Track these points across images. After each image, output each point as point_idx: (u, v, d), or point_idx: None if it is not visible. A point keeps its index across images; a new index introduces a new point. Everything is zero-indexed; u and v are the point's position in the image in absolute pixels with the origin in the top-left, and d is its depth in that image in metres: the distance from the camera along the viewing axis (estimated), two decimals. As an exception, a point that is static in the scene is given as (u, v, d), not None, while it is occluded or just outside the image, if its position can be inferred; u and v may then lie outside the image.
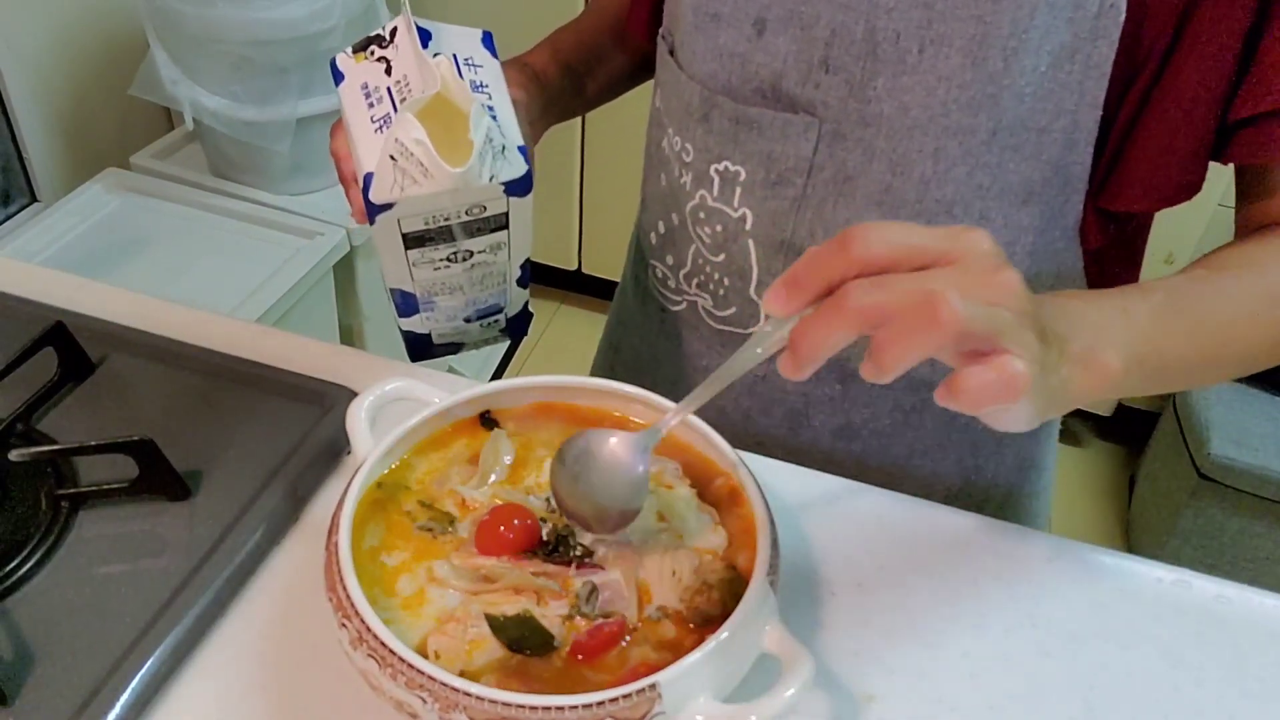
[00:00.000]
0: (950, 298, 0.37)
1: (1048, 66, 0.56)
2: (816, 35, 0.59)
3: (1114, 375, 0.46)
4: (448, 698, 0.42)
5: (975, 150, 0.59)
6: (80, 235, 1.46)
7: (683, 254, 0.72)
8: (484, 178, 0.51)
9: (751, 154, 0.64)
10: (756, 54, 0.61)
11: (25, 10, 1.46)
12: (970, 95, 0.57)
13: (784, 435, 0.73)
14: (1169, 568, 0.61)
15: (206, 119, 1.43)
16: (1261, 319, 0.55)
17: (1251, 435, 1.66)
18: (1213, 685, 0.55)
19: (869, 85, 0.59)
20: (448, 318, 0.64)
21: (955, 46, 0.56)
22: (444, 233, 0.55)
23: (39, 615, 0.54)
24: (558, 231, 2.22)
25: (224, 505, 0.60)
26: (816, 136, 0.62)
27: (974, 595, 0.59)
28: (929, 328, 0.37)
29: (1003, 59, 0.55)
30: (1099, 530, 1.98)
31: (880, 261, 0.39)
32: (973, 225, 0.60)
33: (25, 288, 0.74)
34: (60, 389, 0.67)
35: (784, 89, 0.61)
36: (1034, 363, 0.40)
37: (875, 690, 0.53)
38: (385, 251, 0.56)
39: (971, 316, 0.37)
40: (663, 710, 0.42)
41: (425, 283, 0.59)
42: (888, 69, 0.58)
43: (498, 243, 0.57)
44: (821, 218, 0.64)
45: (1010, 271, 0.40)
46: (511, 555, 0.50)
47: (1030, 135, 0.58)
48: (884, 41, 0.57)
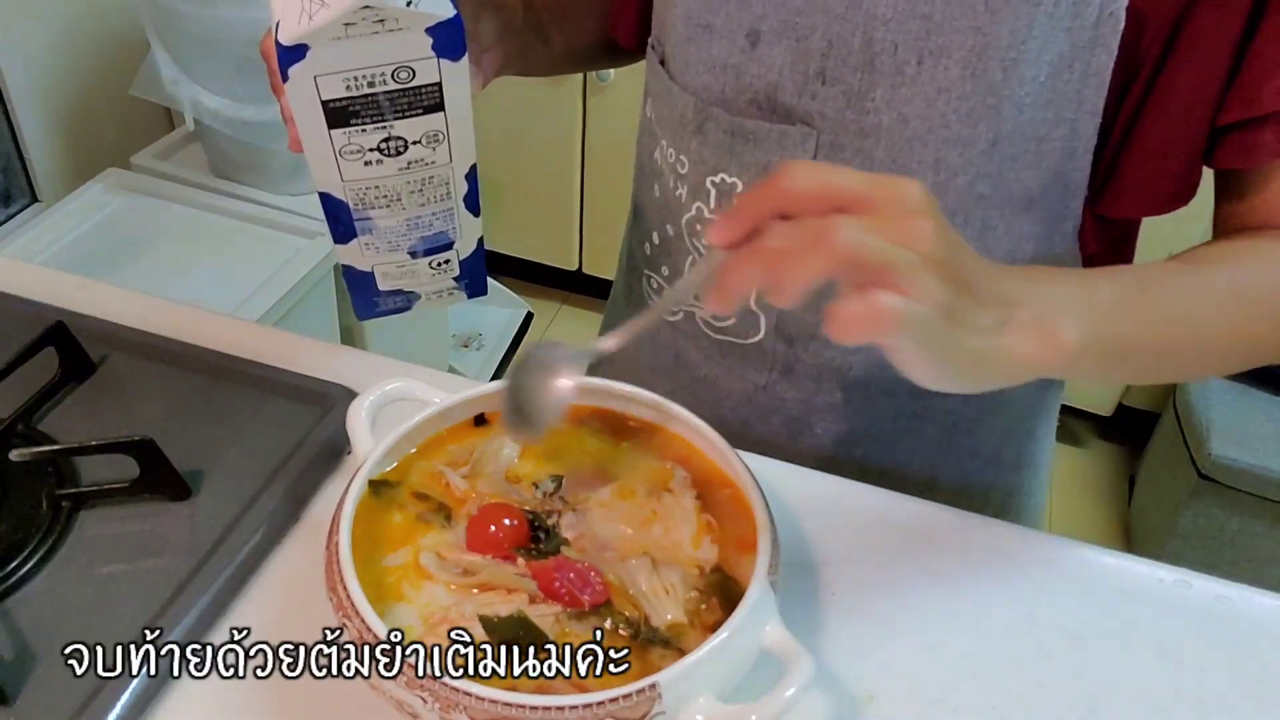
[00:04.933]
0: (843, 225, 0.39)
1: (1047, 76, 0.56)
2: (812, 46, 0.58)
3: (1067, 349, 0.46)
4: (448, 697, 0.42)
5: (975, 160, 0.58)
6: (81, 235, 1.46)
7: (679, 265, 0.72)
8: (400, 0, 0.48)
9: (748, 165, 0.63)
10: (751, 65, 0.61)
11: (26, 10, 1.46)
12: (970, 106, 0.56)
13: (784, 442, 0.72)
14: (1169, 568, 0.61)
15: (207, 119, 1.43)
16: (1229, 315, 0.55)
17: (1252, 435, 1.66)
18: (1213, 685, 0.55)
19: (867, 96, 0.58)
20: (389, 245, 0.58)
21: (954, 58, 0.56)
22: (370, 105, 0.51)
23: (39, 615, 0.54)
24: (558, 231, 2.22)
25: (224, 505, 0.60)
26: (814, 148, 0.61)
27: (974, 595, 0.59)
28: (816, 251, 0.39)
29: (1002, 70, 0.55)
30: (1099, 530, 1.98)
31: (803, 196, 0.41)
32: (975, 233, 0.60)
33: (26, 288, 0.74)
34: (61, 389, 0.67)
35: (780, 100, 0.61)
36: (933, 306, 0.40)
37: (875, 690, 0.53)
38: (308, 139, 0.51)
39: (861, 244, 0.39)
40: (663, 710, 0.42)
41: (357, 186, 0.54)
42: (886, 80, 0.58)
43: (434, 131, 0.53)
44: None
45: (928, 220, 0.41)
46: (498, 554, 0.50)
47: (1030, 144, 0.58)
48: (882, 53, 0.57)
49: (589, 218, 2.19)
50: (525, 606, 0.48)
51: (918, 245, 0.40)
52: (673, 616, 0.48)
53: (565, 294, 2.40)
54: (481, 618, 0.47)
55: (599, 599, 0.49)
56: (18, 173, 1.52)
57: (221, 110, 1.42)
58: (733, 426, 0.73)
